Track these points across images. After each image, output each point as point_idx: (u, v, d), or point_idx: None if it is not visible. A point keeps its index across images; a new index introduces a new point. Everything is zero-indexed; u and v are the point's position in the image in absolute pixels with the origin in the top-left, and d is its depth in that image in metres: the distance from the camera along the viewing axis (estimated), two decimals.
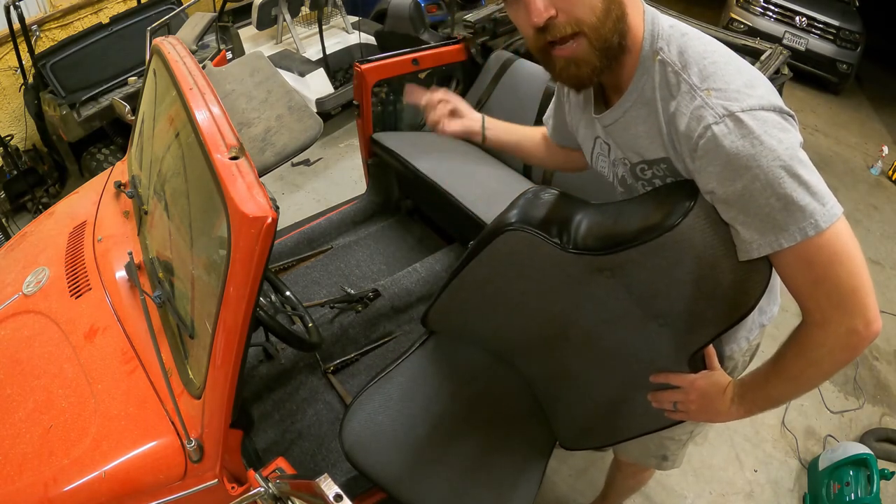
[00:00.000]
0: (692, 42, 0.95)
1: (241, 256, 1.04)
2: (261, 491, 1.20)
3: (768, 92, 0.91)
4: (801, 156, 0.89)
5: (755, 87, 0.90)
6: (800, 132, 0.94)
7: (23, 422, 1.37)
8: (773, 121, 0.88)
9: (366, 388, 1.54)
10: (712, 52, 0.94)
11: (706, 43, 0.95)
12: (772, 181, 0.87)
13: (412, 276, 2.50)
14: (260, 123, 1.27)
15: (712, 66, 0.92)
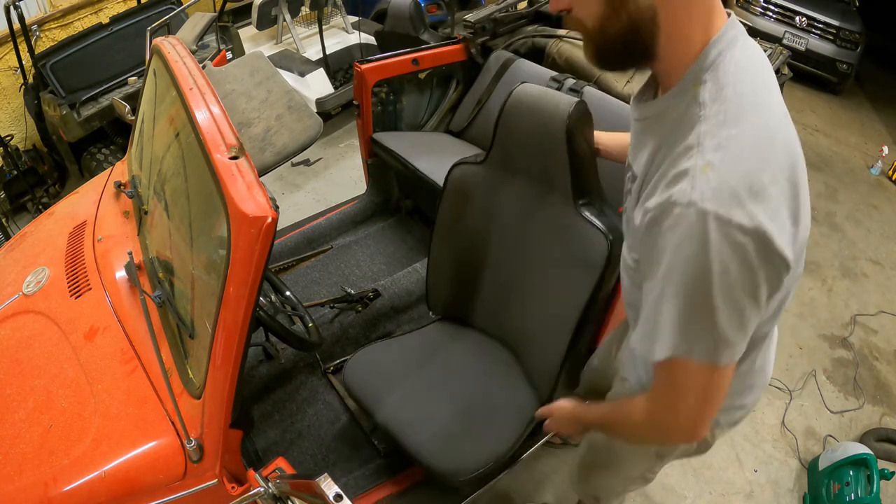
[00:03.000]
0: (744, 99, 0.79)
1: (241, 256, 1.04)
2: (261, 491, 1.20)
3: (772, 211, 0.75)
4: (736, 296, 0.77)
5: (759, 198, 0.74)
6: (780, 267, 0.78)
7: (23, 421, 1.37)
8: (740, 248, 0.74)
9: (370, 343, 1.90)
10: (753, 125, 0.78)
11: (758, 110, 0.80)
12: (684, 290, 0.79)
13: (412, 276, 2.50)
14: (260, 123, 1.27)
15: (736, 141, 0.76)
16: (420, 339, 1.92)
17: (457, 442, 1.62)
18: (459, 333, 1.95)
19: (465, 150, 2.62)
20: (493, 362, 1.85)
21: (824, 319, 3.23)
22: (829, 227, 3.93)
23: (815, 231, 3.87)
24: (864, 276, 3.58)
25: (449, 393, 1.76)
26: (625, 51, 0.85)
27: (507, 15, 2.53)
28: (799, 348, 3.03)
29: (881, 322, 3.26)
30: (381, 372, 1.80)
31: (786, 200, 0.77)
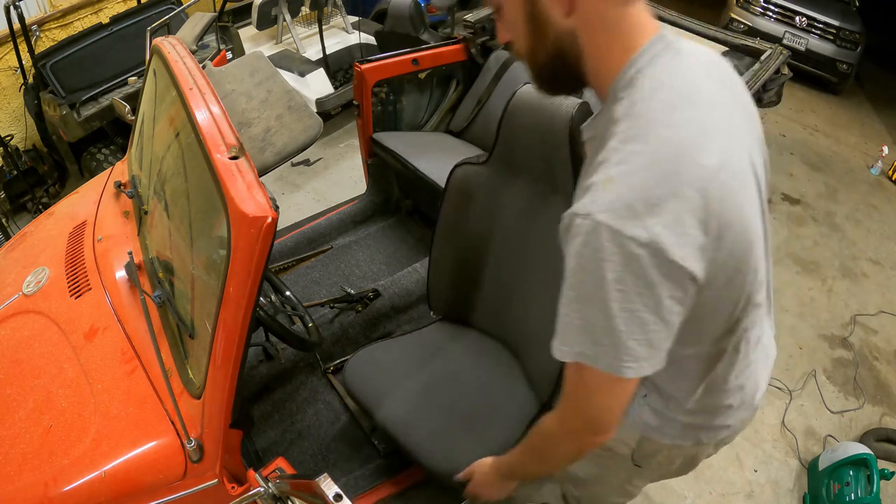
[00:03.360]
0: (656, 115, 0.79)
1: (241, 256, 1.04)
2: (261, 491, 1.20)
3: (671, 223, 0.75)
4: (635, 309, 0.78)
5: (656, 211, 0.74)
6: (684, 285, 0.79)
7: (23, 421, 1.37)
8: (635, 260, 0.75)
9: (370, 343, 1.90)
10: (659, 140, 0.78)
11: (671, 124, 0.79)
12: (583, 297, 0.81)
13: (412, 276, 2.50)
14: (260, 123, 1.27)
15: (637, 156, 0.77)
16: (420, 340, 1.92)
17: (456, 442, 1.62)
18: (460, 333, 1.95)
19: (465, 150, 2.62)
20: (493, 363, 1.84)
21: (824, 319, 3.23)
22: (829, 227, 3.93)
23: (815, 231, 3.88)
24: (864, 276, 3.58)
25: (449, 393, 1.76)
26: (557, 75, 0.89)
27: None
28: (799, 348, 3.03)
29: (881, 322, 3.26)
30: (380, 372, 1.80)
31: (693, 211, 0.76)
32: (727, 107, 0.86)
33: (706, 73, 0.87)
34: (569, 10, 0.81)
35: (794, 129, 5.06)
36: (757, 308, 0.96)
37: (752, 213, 0.86)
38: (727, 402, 1.08)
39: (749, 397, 1.11)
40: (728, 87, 0.90)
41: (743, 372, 1.05)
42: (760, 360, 1.11)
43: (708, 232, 0.78)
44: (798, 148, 4.80)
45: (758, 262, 0.90)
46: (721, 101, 0.85)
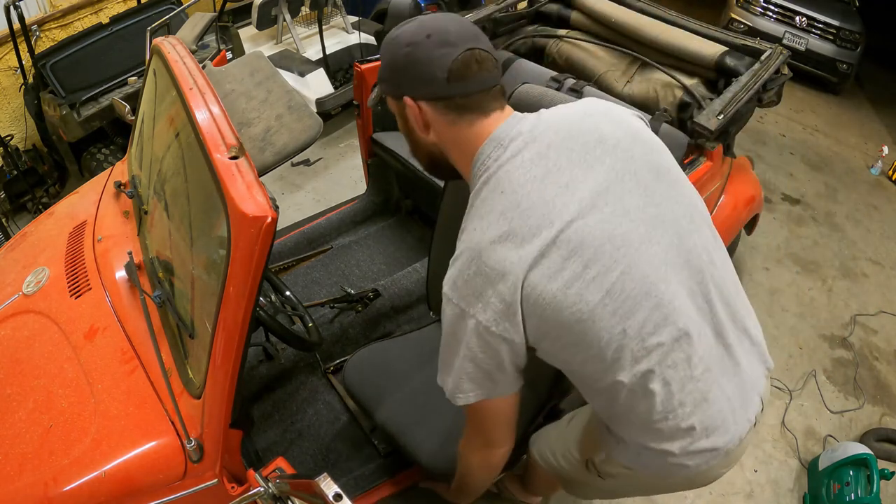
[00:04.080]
0: (485, 203, 1.00)
1: (241, 256, 1.04)
2: (260, 491, 1.20)
3: (485, 307, 0.97)
4: (477, 361, 1.03)
5: (477, 297, 0.97)
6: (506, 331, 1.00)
7: (23, 421, 1.37)
8: (465, 329, 1.00)
9: (369, 343, 1.92)
10: (481, 224, 0.99)
11: (499, 207, 0.98)
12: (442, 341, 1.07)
13: (412, 276, 2.50)
14: (260, 123, 1.27)
15: (466, 241, 1.01)
16: (420, 339, 1.92)
17: (455, 442, 1.62)
18: None
19: None
20: None
21: (824, 319, 3.22)
22: (829, 227, 3.93)
23: (815, 231, 3.87)
24: (864, 276, 3.58)
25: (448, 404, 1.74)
26: (436, 168, 1.16)
27: (507, 15, 2.53)
28: (799, 348, 3.03)
29: (881, 322, 3.26)
30: (380, 372, 1.80)
31: (503, 297, 0.96)
32: (571, 171, 0.99)
33: (541, 154, 1.00)
34: (426, 132, 1.08)
35: (794, 129, 5.06)
36: (660, 347, 1.01)
37: (627, 268, 0.97)
38: (684, 424, 1.07)
39: (711, 419, 1.09)
40: (583, 145, 1.02)
41: (679, 406, 1.05)
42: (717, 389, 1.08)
43: (523, 309, 0.97)
44: (798, 148, 4.80)
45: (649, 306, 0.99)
46: (559, 171, 0.99)
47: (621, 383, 1.02)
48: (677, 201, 1.06)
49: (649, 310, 0.98)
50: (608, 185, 0.99)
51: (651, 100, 2.20)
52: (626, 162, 1.02)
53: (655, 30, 2.23)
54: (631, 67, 2.31)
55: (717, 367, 1.08)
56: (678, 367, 1.02)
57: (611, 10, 2.35)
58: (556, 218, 0.95)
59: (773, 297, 3.31)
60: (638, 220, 0.99)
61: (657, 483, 1.27)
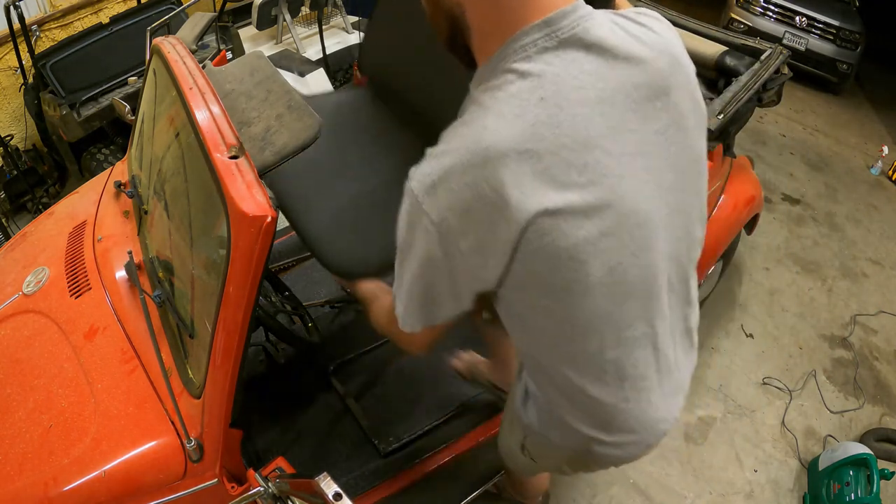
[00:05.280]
0: (494, 107, 0.76)
1: (241, 255, 1.04)
2: (260, 490, 1.20)
3: (457, 214, 0.76)
4: (425, 273, 0.84)
5: (450, 198, 0.76)
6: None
7: (23, 421, 1.37)
8: (426, 232, 0.79)
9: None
10: (478, 128, 0.75)
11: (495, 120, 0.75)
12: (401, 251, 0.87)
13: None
14: (260, 123, 1.27)
15: (457, 138, 0.77)
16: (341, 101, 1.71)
17: (351, 241, 1.51)
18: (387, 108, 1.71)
19: None
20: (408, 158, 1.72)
21: (824, 319, 3.23)
22: (829, 227, 3.93)
23: (815, 231, 3.88)
24: (864, 276, 3.58)
25: (357, 181, 1.56)
26: (456, 49, 0.88)
27: None
28: (799, 348, 3.03)
29: (881, 322, 3.26)
30: (311, 184, 1.62)
31: (484, 212, 0.75)
32: (624, 113, 0.79)
33: (601, 75, 0.77)
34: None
35: (794, 129, 5.06)
36: (632, 341, 0.94)
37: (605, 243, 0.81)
38: (617, 420, 1.03)
39: (640, 422, 1.06)
40: (648, 88, 0.81)
41: (627, 391, 0.99)
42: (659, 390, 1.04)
43: (515, 254, 0.78)
44: (798, 148, 4.80)
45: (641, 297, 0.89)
46: (613, 105, 0.78)
47: (578, 365, 0.95)
48: (697, 192, 0.95)
49: (639, 302, 0.90)
50: (657, 147, 0.83)
51: None
52: (680, 130, 0.86)
53: None
54: None
55: (664, 367, 1.02)
56: (638, 366, 0.97)
57: None
58: (599, 176, 0.76)
59: (773, 297, 3.31)
60: (665, 200, 0.86)
61: (588, 465, 1.24)
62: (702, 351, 2.93)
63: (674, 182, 0.87)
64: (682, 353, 1.09)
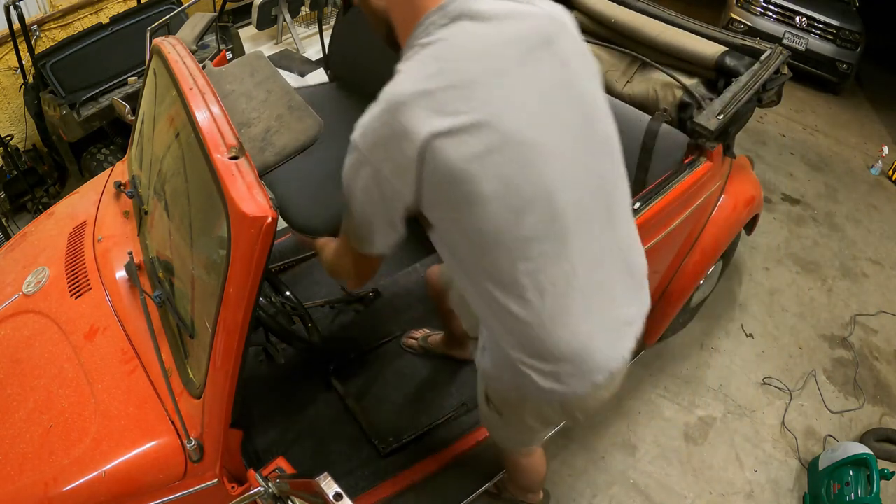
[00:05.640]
0: (407, 69, 0.98)
1: (241, 256, 1.04)
2: (261, 490, 1.20)
3: (387, 158, 0.97)
4: (349, 189, 1.04)
5: (379, 145, 0.97)
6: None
7: (23, 421, 1.37)
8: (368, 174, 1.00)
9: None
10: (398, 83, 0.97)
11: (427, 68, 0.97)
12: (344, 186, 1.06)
13: (412, 276, 2.50)
14: (260, 123, 1.27)
15: (382, 96, 0.98)
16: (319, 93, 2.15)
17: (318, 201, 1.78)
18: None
19: None
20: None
21: (824, 319, 3.23)
22: (829, 227, 3.94)
23: (815, 231, 3.88)
24: (864, 276, 3.58)
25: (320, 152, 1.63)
26: (392, 44, 1.10)
27: None
28: (799, 348, 3.03)
29: (881, 322, 3.26)
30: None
31: (404, 151, 0.95)
32: (508, 61, 0.99)
33: (486, 34, 0.99)
34: None
35: (794, 129, 5.06)
36: (542, 257, 1.05)
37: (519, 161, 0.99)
38: (547, 346, 1.11)
39: (581, 351, 1.12)
40: (534, 50, 1.01)
41: (550, 322, 1.09)
42: (589, 317, 1.12)
43: (421, 171, 0.96)
44: (798, 148, 4.80)
45: (539, 197, 1.01)
46: (499, 58, 0.98)
47: (498, 281, 1.06)
48: (605, 132, 1.12)
49: (539, 218, 1.02)
50: (544, 84, 1.02)
51: (651, 100, 2.20)
52: (567, 71, 1.05)
53: (655, 30, 2.23)
54: (631, 67, 2.31)
55: (590, 291, 1.11)
56: (557, 284, 1.06)
57: (610, 10, 2.35)
58: (480, 105, 0.96)
59: (773, 297, 3.31)
60: (558, 131, 1.03)
61: (543, 411, 1.29)
62: (702, 351, 2.93)
63: (571, 119, 1.05)
64: (622, 288, 1.17)
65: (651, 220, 1.77)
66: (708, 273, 2.48)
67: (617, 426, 2.55)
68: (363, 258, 1.17)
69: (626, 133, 2.09)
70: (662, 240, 1.91)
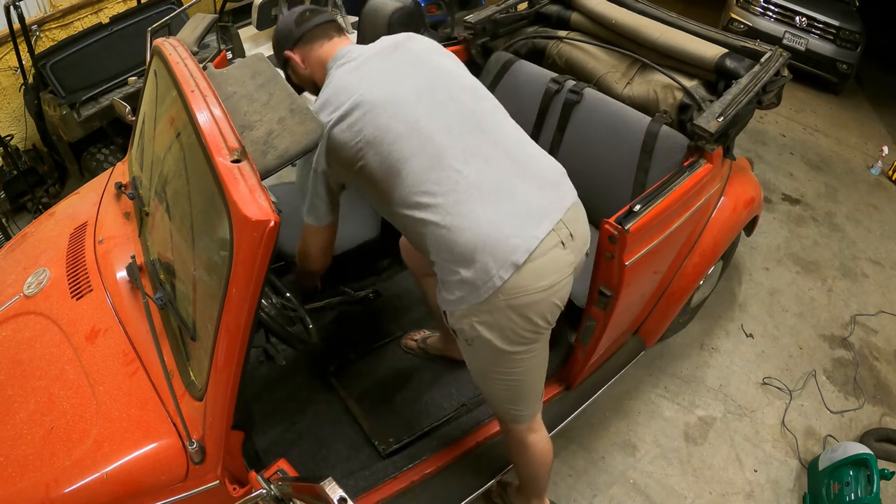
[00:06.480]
0: (327, 88, 1.50)
1: (244, 259, 1.04)
2: (263, 493, 1.20)
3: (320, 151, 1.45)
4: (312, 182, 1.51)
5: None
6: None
7: (24, 423, 1.37)
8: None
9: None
10: (328, 92, 1.49)
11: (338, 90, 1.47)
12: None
13: (411, 277, 2.49)
14: (262, 126, 1.27)
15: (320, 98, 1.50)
16: None
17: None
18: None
19: None
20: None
21: (824, 319, 3.23)
22: (829, 227, 3.94)
23: (814, 231, 3.88)
24: (864, 276, 3.58)
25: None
26: (313, 89, 1.63)
27: (508, 16, 2.53)
28: (799, 348, 3.04)
29: (881, 322, 3.27)
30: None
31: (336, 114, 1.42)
32: (381, 65, 1.49)
33: (360, 64, 1.50)
34: (304, 66, 1.61)
35: (794, 129, 5.07)
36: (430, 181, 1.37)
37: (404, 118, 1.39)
38: (460, 245, 1.35)
39: (487, 237, 1.34)
40: (392, 54, 1.52)
41: (456, 218, 1.34)
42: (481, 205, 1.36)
43: (328, 154, 1.45)
44: (798, 148, 4.81)
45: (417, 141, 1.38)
46: (369, 71, 1.47)
47: (407, 203, 1.39)
48: (449, 77, 1.52)
49: (413, 140, 1.37)
50: (400, 66, 1.48)
51: (651, 101, 2.20)
52: (417, 58, 1.52)
53: (655, 31, 2.23)
54: (631, 69, 2.31)
55: (490, 193, 1.36)
56: (446, 188, 1.36)
57: (611, 11, 2.35)
58: (354, 93, 1.41)
59: (773, 297, 3.32)
60: (411, 88, 1.44)
61: (496, 319, 1.40)
62: (702, 351, 2.94)
63: (422, 79, 1.47)
64: (522, 184, 1.41)
65: (651, 221, 1.77)
66: (708, 273, 2.48)
67: (617, 426, 2.56)
68: (317, 232, 1.60)
69: (627, 134, 2.11)
70: (662, 241, 1.91)
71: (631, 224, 1.70)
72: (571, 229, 1.44)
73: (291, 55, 1.61)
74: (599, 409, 2.58)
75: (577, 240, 1.46)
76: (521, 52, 2.56)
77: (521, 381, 1.58)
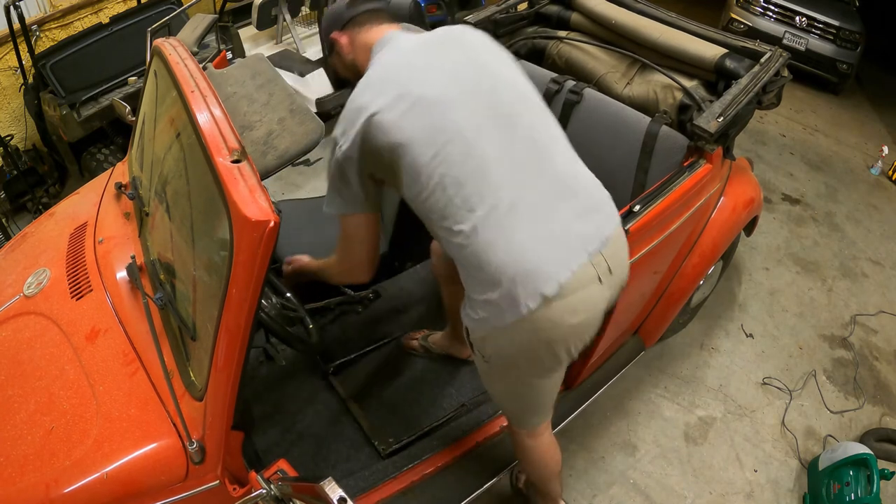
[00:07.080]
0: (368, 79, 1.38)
1: (244, 260, 1.04)
2: (263, 493, 1.20)
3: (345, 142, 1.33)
4: (341, 176, 1.38)
5: (343, 137, 1.34)
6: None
7: (24, 423, 1.37)
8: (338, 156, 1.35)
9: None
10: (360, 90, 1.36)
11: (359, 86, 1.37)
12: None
13: (412, 276, 2.50)
14: (262, 126, 1.27)
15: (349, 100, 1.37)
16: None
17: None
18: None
19: None
20: None
21: (824, 319, 3.23)
22: (829, 227, 3.94)
23: (814, 231, 3.88)
24: (864, 276, 3.58)
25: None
26: (353, 79, 1.46)
27: (508, 16, 2.53)
28: (799, 348, 3.04)
29: (881, 322, 3.27)
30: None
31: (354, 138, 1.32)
32: (430, 58, 1.39)
33: (412, 48, 1.42)
34: (350, 50, 1.52)
35: (794, 129, 5.06)
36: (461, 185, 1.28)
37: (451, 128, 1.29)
38: (489, 269, 1.28)
39: (515, 264, 1.27)
40: (444, 48, 1.42)
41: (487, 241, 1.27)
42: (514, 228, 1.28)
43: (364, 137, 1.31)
44: (798, 148, 4.80)
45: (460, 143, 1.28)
46: (423, 59, 1.39)
47: (440, 213, 1.31)
48: (496, 76, 1.41)
49: (458, 147, 1.28)
50: (448, 66, 1.37)
51: (651, 102, 2.20)
52: (469, 52, 1.42)
53: (655, 31, 2.23)
54: (631, 69, 2.31)
55: (525, 213, 1.28)
56: (485, 205, 1.27)
57: (610, 11, 2.35)
58: (400, 83, 1.32)
59: (773, 297, 3.32)
60: (457, 88, 1.33)
61: (517, 340, 1.36)
62: (702, 351, 2.94)
63: (474, 81, 1.36)
64: (565, 207, 1.34)
65: (651, 222, 1.77)
66: (708, 274, 2.48)
67: (617, 426, 2.56)
68: (361, 222, 1.47)
69: (626, 135, 2.11)
70: (662, 241, 1.91)
71: (631, 224, 1.70)
72: (611, 263, 1.37)
73: (338, 37, 1.53)
74: (599, 409, 2.58)
75: (615, 275, 1.39)
76: (521, 52, 2.56)
77: (534, 398, 1.58)
